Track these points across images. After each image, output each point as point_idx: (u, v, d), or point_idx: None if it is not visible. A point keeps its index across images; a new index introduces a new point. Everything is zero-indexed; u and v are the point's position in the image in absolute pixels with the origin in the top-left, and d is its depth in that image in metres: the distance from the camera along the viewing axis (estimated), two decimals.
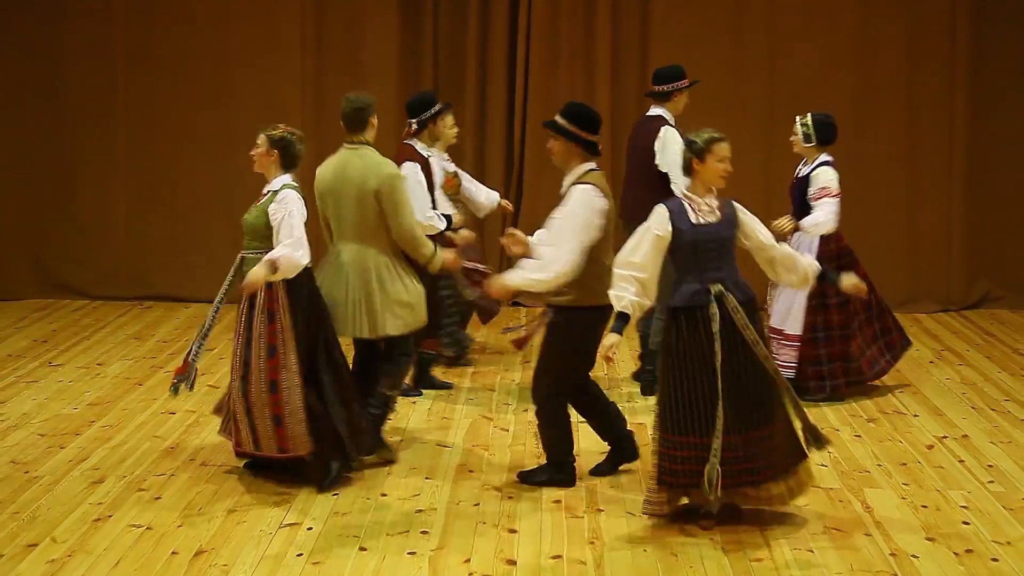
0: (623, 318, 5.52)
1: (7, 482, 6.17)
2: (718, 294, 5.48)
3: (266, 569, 5.16)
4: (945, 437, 6.97)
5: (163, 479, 6.23)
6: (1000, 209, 10.60)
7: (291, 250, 6.00)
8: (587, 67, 10.59)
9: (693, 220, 5.54)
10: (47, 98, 10.62)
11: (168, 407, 7.36)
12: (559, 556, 5.30)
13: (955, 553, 5.34)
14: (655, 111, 7.89)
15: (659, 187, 7.49)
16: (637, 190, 7.70)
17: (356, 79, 10.64)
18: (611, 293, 5.58)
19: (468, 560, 5.25)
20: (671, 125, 7.74)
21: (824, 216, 7.43)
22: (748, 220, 5.64)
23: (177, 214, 10.68)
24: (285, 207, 6.12)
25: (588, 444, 6.79)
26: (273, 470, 6.21)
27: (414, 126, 7.69)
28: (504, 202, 8.76)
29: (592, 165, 6.08)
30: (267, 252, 5.97)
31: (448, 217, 7.64)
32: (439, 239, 7.12)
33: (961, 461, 6.54)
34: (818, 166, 7.57)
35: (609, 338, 5.53)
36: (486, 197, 8.59)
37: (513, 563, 5.23)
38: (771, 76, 10.44)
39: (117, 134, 10.55)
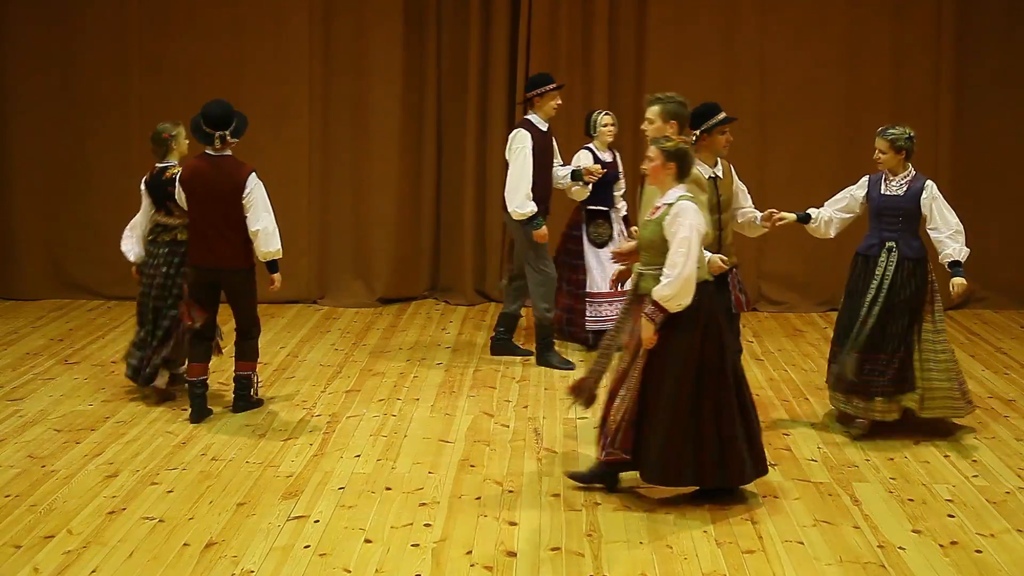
0: None
1: (25, 476, 6.17)
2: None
3: (274, 560, 5.15)
4: (931, 433, 6.95)
5: (175, 473, 6.23)
6: (983, 213, 10.57)
7: (675, 276, 5.55)
8: (585, 74, 10.58)
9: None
10: (65, 104, 10.62)
11: (181, 404, 7.35)
12: (558, 548, 5.29)
13: (940, 545, 5.34)
14: (528, 116, 8.44)
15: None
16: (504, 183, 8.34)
17: (362, 85, 10.67)
18: None
19: (470, 552, 5.24)
20: (524, 127, 8.29)
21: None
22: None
23: None
24: (680, 221, 5.62)
25: (586, 439, 6.80)
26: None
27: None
28: None
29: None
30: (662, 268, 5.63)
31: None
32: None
33: (946, 456, 6.54)
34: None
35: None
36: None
37: (513, 555, 5.22)
38: (762, 84, 10.44)
39: (132, 139, 10.53)
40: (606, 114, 8.93)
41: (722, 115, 6.70)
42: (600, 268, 8.74)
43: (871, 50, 10.42)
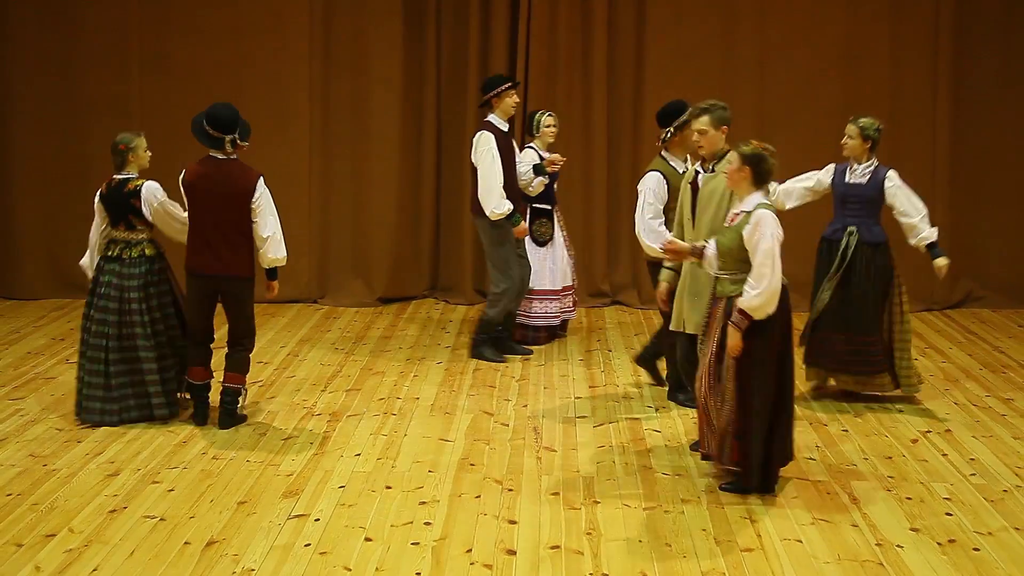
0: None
1: (26, 475, 6.16)
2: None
3: (275, 559, 5.15)
4: (928, 432, 6.96)
5: (176, 472, 6.22)
6: (981, 212, 10.60)
7: (763, 288, 5.60)
8: (584, 75, 10.59)
9: None
10: (65, 105, 10.62)
11: (182, 404, 7.33)
12: (557, 546, 5.29)
13: (938, 543, 5.33)
14: (488, 117, 8.49)
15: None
16: (473, 184, 8.47)
17: (362, 86, 10.67)
18: None
19: (470, 550, 5.24)
20: (487, 129, 8.39)
21: None
22: None
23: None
24: (760, 231, 5.63)
25: (585, 439, 6.80)
26: None
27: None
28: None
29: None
30: (742, 274, 5.71)
31: None
32: None
33: (944, 455, 6.53)
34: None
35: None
36: None
37: (513, 553, 5.22)
38: (761, 84, 10.44)
39: None
40: (549, 115, 9.05)
41: (690, 110, 6.97)
42: (542, 265, 8.83)
43: (869, 51, 10.43)
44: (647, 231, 7.14)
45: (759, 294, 5.60)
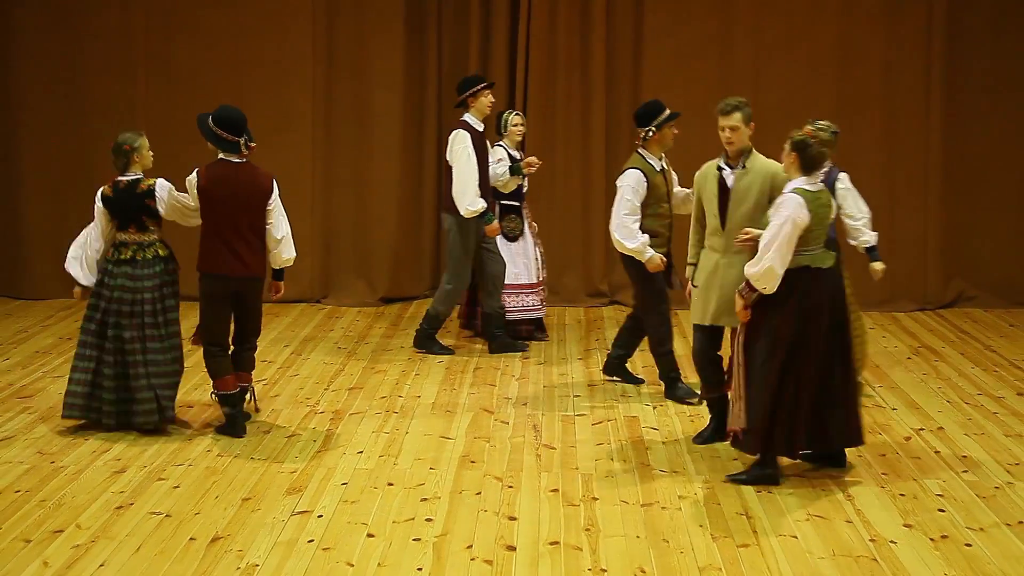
0: None
1: (34, 472, 6.17)
2: None
3: (279, 554, 5.15)
4: (921, 429, 6.96)
5: (182, 469, 6.23)
6: (973, 214, 10.61)
7: (760, 259, 5.79)
8: (583, 78, 10.59)
9: None
10: (71, 108, 10.63)
11: (185, 400, 7.35)
12: (556, 542, 5.29)
13: (931, 539, 5.34)
14: (464, 116, 8.61)
15: (451, 179, 8.40)
16: (445, 182, 8.61)
17: (364, 88, 10.67)
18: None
19: (470, 546, 5.25)
20: (462, 128, 8.51)
21: None
22: None
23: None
24: (780, 210, 5.82)
25: (584, 436, 6.80)
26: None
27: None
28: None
29: None
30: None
31: None
32: None
33: (937, 452, 6.54)
34: None
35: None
36: None
37: (513, 549, 5.22)
38: (756, 87, 10.43)
39: None
40: (516, 114, 9.13)
41: (668, 112, 7.43)
42: (512, 261, 8.92)
43: (862, 55, 10.44)
44: (621, 227, 7.28)
45: (757, 263, 5.78)
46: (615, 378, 7.94)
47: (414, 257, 10.91)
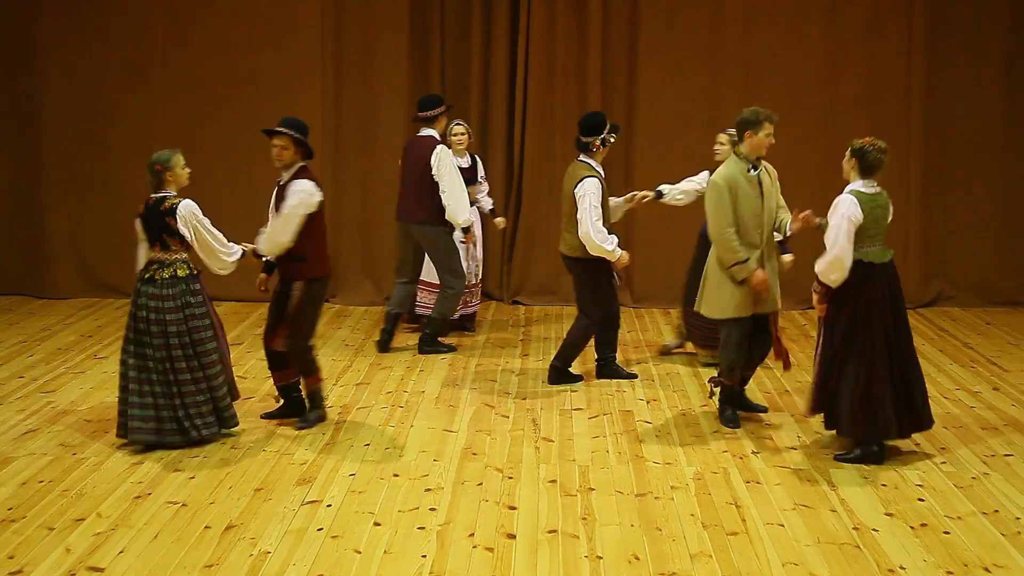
0: None
1: (57, 463, 6.19)
2: None
3: (289, 542, 5.18)
4: None
5: (197, 460, 6.25)
6: (952, 217, 10.63)
7: (826, 257, 6.10)
8: (580, 85, 10.60)
9: None
10: (92, 116, 10.65)
11: None
12: (554, 531, 5.31)
13: (911, 527, 5.36)
14: (426, 132, 8.63)
15: (431, 193, 8.44)
16: (413, 195, 8.59)
17: (371, 96, 10.68)
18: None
19: (472, 534, 5.27)
20: (443, 143, 8.59)
21: None
22: None
23: (209, 220, 10.67)
24: (836, 209, 6.13)
25: (581, 430, 6.82)
26: None
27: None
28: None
29: None
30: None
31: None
32: None
33: (917, 444, 6.55)
34: None
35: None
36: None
37: (513, 537, 5.24)
38: (746, 96, 10.42)
39: (155, 148, 10.26)
40: (457, 124, 9.19)
41: (611, 124, 7.58)
42: (465, 261, 8.95)
43: (848, 65, 10.45)
44: (596, 232, 7.38)
45: (823, 260, 6.08)
46: (608, 379, 7.94)
47: None
